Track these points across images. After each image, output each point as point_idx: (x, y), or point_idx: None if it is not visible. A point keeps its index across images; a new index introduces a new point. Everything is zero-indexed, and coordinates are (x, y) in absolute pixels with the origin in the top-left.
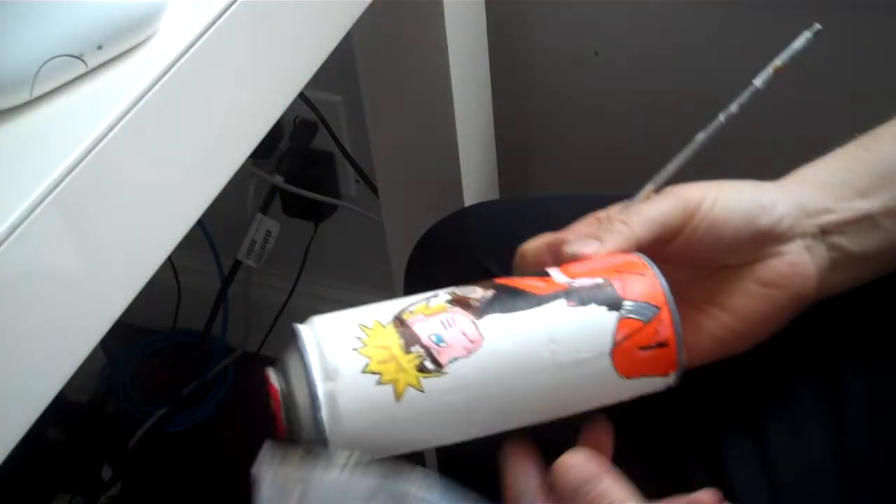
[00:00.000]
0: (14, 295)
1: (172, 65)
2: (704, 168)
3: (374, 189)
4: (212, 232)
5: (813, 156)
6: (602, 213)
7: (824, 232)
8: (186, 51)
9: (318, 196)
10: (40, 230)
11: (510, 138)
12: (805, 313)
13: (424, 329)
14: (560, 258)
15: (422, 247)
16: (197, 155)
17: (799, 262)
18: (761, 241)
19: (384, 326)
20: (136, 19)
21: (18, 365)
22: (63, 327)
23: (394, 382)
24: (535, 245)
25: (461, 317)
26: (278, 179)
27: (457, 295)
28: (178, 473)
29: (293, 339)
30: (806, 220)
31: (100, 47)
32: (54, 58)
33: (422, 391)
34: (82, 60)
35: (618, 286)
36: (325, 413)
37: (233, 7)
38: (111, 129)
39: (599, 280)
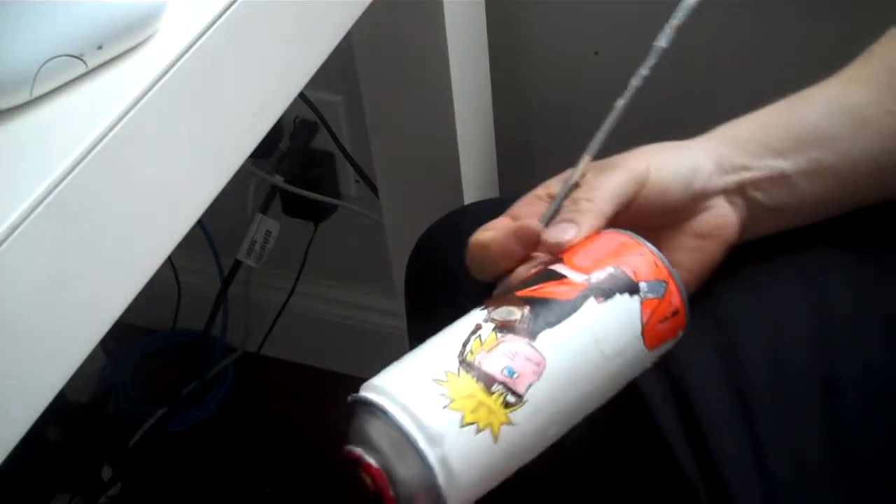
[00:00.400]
0: (14, 295)
1: (172, 65)
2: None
3: (374, 189)
4: (212, 232)
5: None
6: (540, 192)
7: (742, 187)
8: (186, 51)
9: (318, 196)
10: (40, 230)
11: (510, 138)
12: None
13: (493, 366)
14: (535, 248)
15: (422, 245)
16: (197, 155)
17: (724, 213)
18: (696, 200)
19: (458, 375)
20: (136, 19)
21: (18, 365)
22: (63, 327)
23: (489, 426)
24: (498, 237)
25: (517, 343)
26: (278, 179)
27: (498, 321)
28: (178, 473)
29: (372, 411)
30: (725, 176)
31: (100, 47)
32: (54, 58)
33: (513, 425)
34: (82, 60)
35: (628, 271)
36: (441, 479)
37: (233, 7)
38: (111, 129)
39: (611, 269)
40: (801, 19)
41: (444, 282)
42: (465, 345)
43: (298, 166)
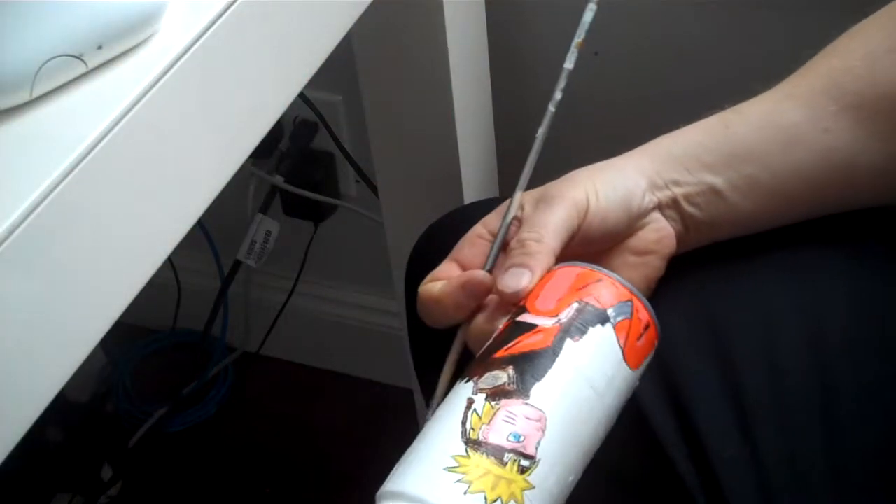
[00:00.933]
0: (14, 294)
1: (172, 65)
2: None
3: (374, 189)
4: (212, 232)
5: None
6: (481, 230)
7: (676, 202)
8: (186, 51)
9: (318, 196)
10: (41, 230)
11: (510, 138)
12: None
13: (498, 436)
14: (486, 296)
15: (421, 245)
16: (197, 155)
17: (662, 227)
18: (634, 220)
19: (468, 456)
20: (136, 19)
21: (18, 365)
22: (63, 327)
23: (513, 496)
24: (448, 290)
25: (514, 406)
26: (278, 179)
27: (488, 389)
28: (178, 473)
29: None
30: (658, 192)
31: (100, 47)
32: (54, 58)
33: (534, 487)
34: (82, 60)
35: (592, 301)
36: None
37: (233, 7)
38: (111, 129)
39: (577, 304)
40: (803, 19)
41: None
42: (464, 424)
43: (298, 166)
